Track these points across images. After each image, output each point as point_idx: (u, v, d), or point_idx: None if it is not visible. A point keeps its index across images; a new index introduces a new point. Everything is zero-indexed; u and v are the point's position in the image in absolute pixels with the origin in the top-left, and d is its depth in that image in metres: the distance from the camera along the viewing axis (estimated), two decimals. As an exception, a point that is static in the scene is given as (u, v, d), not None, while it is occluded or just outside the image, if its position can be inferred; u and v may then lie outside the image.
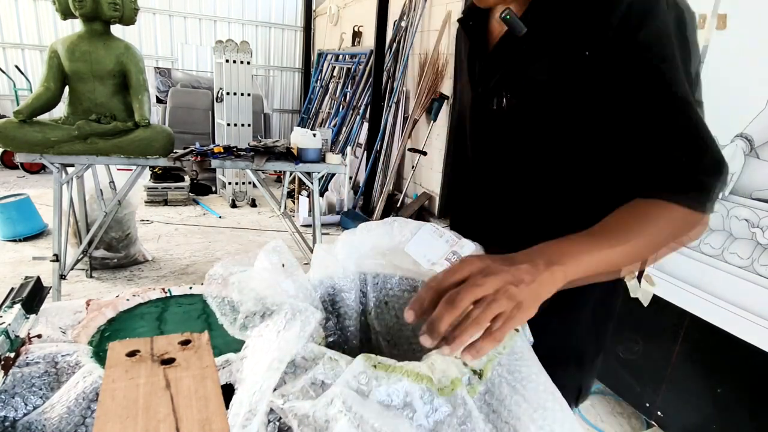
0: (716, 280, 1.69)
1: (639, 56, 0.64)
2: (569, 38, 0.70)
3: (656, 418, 1.95)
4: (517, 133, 0.79)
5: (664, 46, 0.64)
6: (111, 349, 0.46)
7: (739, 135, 1.59)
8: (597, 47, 0.67)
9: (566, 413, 0.54)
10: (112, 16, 2.54)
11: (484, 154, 0.87)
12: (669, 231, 0.63)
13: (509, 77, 0.77)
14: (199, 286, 1.11)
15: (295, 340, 0.52)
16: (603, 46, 0.66)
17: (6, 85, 6.62)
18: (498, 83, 0.79)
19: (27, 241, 3.88)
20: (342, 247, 0.81)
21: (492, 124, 0.82)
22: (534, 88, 0.74)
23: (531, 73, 0.74)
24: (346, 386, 0.48)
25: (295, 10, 8.11)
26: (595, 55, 0.67)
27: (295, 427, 0.46)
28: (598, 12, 0.66)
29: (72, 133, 2.53)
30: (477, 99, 0.84)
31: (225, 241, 4.28)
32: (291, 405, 0.47)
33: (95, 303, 0.95)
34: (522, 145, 0.79)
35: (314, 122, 6.72)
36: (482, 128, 0.85)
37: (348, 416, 0.44)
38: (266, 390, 0.47)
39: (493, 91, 0.80)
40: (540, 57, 0.73)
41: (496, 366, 0.54)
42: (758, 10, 1.54)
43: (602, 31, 0.66)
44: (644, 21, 0.63)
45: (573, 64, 0.70)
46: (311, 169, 2.97)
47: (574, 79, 0.70)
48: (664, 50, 0.64)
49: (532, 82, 0.74)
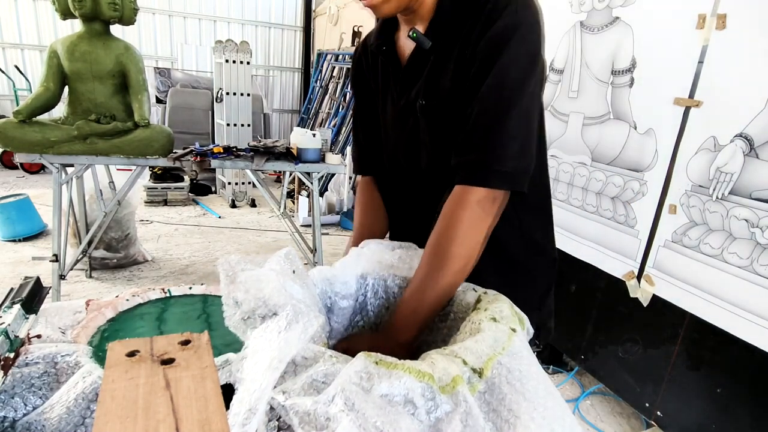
0: (716, 280, 1.69)
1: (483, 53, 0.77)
2: (461, 48, 0.80)
3: (656, 418, 1.95)
4: (430, 134, 0.89)
5: (497, 57, 0.76)
6: (110, 350, 0.46)
7: (738, 135, 1.59)
8: (472, 56, 0.78)
9: (565, 412, 0.54)
10: (112, 16, 2.54)
11: (408, 160, 0.97)
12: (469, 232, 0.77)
13: (424, 86, 0.87)
14: (198, 286, 1.11)
15: (296, 341, 0.53)
16: (474, 58, 0.78)
17: (5, 85, 6.62)
18: (416, 93, 0.88)
19: (26, 241, 3.88)
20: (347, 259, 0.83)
21: (414, 130, 0.92)
22: (443, 94, 0.84)
23: (441, 81, 0.84)
24: (348, 382, 0.48)
25: (295, 10, 8.11)
26: (471, 61, 0.78)
27: (295, 424, 0.46)
28: (477, 27, 0.78)
29: (71, 134, 2.53)
30: (401, 111, 0.93)
31: (225, 242, 4.28)
32: (292, 402, 0.47)
33: (95, 303, 0.95)
34: (435, 144, 0.89)
35: (314, 122, 6.72)
36: (406, 136, 0.95)
37: (350, 414, 0.44)
38: (266, 388, 0.47)
39: (413, 101, 0.89)
40: (445, 66, 0.83)
41: (495, 365, 0.54)
42: (758, 10, 1.54)
43: (477, 43, 0.77)
44: (507, 44, 0.75)
45: (466, 69, 0.80)
46: (311, 169, 2.96)
47: (460, 80, 0.81)
48: (496, 60, 0.76)
49: (442, 89, 0.84)
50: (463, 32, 0.80)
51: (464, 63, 0.80)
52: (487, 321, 0.63)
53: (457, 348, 0.56)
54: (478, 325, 0.62)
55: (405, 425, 0.45)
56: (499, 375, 0.53)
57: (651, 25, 1.90)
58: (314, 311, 0.58)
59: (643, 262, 1.97)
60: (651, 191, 1.92)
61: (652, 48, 1.90)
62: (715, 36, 1.67)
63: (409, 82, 0.90)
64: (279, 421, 0.50)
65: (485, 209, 0.76)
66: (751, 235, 1.58)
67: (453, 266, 0.74)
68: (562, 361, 2.63)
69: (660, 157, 1.88)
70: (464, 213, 0.76)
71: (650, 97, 1.91)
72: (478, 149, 0.76)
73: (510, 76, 0.75)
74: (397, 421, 0.45)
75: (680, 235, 1.81)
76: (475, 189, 0.76)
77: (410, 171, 0.98)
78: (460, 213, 0.76)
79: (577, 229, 2.28)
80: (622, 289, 2.06)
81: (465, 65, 0.80)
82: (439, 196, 0.90)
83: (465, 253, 0.75)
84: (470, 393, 0.50)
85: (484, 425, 0.48)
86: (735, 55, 1.61)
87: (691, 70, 1.74)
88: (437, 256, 0.75)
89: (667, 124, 1.84)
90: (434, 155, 0.90)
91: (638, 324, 2.01)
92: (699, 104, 1.72)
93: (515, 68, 0.75)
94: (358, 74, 1.07)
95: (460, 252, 0.75)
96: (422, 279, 0.76)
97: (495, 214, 0.78)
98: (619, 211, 2.07)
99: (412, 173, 0.98)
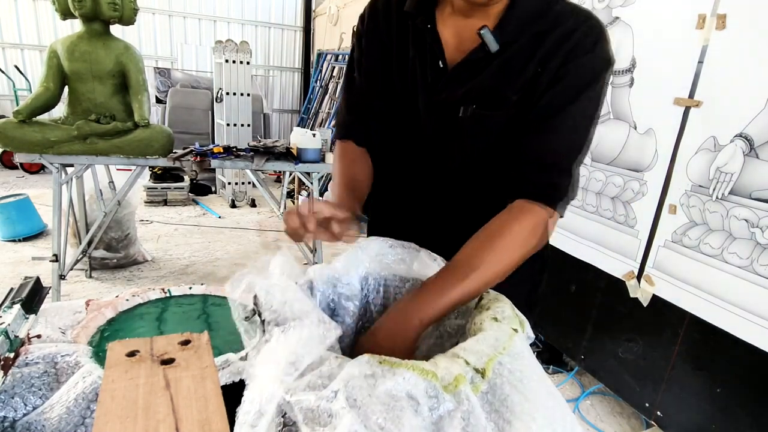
0: (716, 280, 1.69)
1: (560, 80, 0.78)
2: (537, 63, 0.79)
3: (656, 417, 1.95)
4: (472, 138, 0.86)
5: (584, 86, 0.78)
6: (110, 350, 0.46)
7: (738, 135, 1.59)
8: (543, 66, 0.78)
9: (566, 412, 0.54)
10: (112, 16, 2.54)
11: (435, 156, 0.92)
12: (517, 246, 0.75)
13: (478, 91, 0.83)
14: (198, 286, 1.11)
15: (314, 350, 0.53)
16: (546, 66, 0.78)
17: (5, 86, 6.62)
18: (466, 94, 0.84)
19: (26, 241, 3.88)
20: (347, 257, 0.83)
21: (453, 129, 0.88)
22: (503, 105, 0.82)
23: (503, 91, 0.81)
24: (351, 378, 0.48)
25: (295, 10, 8.10)
26: (542, 75, 0.79)
27: (300, 420, 0.46)
28: (554, 40, 0.78)
29: (71, 134, 2.53)
30: (440, 106, 0.87)
31: (224, 241, 4.27)
32: (296, 398, 0.47)
33: (95, 303, 0.94)
34: (475, 148, 0.87)
35: (314, 122, 6.72)
36: (441, 132, 0.90)
37: (352, 411, 0.44)
38: (277, 393, 0.48)
39: (460, 101, 0.84)
40: (509, 75, 0.80)
41: (496, 365, 0.54)
42: (758, 10, 1.54)
43: (551, 55, 0.78)
44: (578, 55, 0.77)
45: (528, 80, 0.79)
46: (311, 169, 2.96)
47: (531, 94, 0.80)
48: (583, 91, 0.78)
49: (502, 99, 0.82)
50: (536, 46, 0.78)
51: (536, 80, 0.79)
52: (489, 321, 0.63)
53: (458, 349, 0.56)
54: (479, 326, 0.62)
55: (407, 422, 0.45)
56: (500, 375, 0.53)
57: (651, 25, 1.90)
58: (333, 323, 0.58)
59: (643, 262, 1.97)
60: (651, 191, 1.92)
61: (652, 48, 1.90)
62: (715, 36, 1.67)
63: (459, 79, 0.84)
64: (285, 418, 0.50)
65: (538, 230, 0.77)
66: (751, 235, 1.58)
67: (487, 273, 0.72)
68: (562, 361, 2.63)
69: (660, 157, 1.87)
70: (518, 227, 0.75)
71: (650, 97, 1.91)
72: (556, 173, 0.78)
73: (589, 111, 0.79)
74: (400, 417, 0.45)
75: (680, 235, 1.81)
76: (539, 208, 0.77)
77: (431, 165, 0.93)
78: (515, 226, 0.75)
79: (577, 229, 2.28)
80: (622, 289, 2.06)
81: (536, 83, 0.79)
82: (462, 196, 0.91)
83: (502, 267, 0.74)
84: (473, 393, 0.50)
85: (486, 425, 0.48)
86: (735, 55, 1.61)
87: (691, 70, 1.74)
88: (477, 257, 0.73)
89: (667, 124, 1.84)
90: (470, 159, 0.88)
91: (638, 324, 2.01)
92: (699, 104, 1.72)
93: (594, 104, 0.79)
94: (373, 30, 0.93)
95: (498, 260, 0.73)
96: (454, 271, 0.72)
97: (542, 237, 0.78)
98: (619, 211, 2.07)
99: (433, 168, 0.93)
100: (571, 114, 0.78)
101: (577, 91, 0.77)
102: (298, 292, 0.63)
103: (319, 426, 0.45)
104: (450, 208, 0.96)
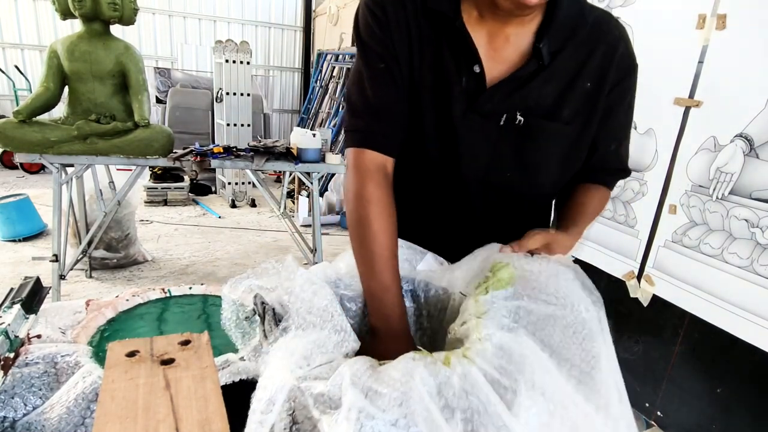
0: (716, 280, 1.69)
1: (623, 98, 0.90)
2: (579, 71, 0.83)
3: (656, 418, 1.95)
4: (515, 149, 0.87)
5: (632, 96, 0.93)
6: (110, 350, 0.46)
7: (738, 135, 1.59)
8: (596, 82, 0.85)
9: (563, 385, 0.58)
10: (112, 16, 2.54)
11: (470, 166, 0.89)
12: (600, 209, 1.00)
13: (525, 102, 0.83)
14: (198, 286, 1.11)
15: (329, 350, 0.59)
16: (601, 83, 0.85)
17: (5, 85, 6.62)
18: (512, 105, 0.83)
19: (26, 241, 3.88)
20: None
21: (495, 140, 0.86)
22: (553, 116, 0.84)
23: (551, 101, 0.83)
24: (356, 363, 0.54)
25: (295, 10, 8.10)
26: (594, 88, 0.85)
27: (310, 404, 0.50)
28: (602, 55, 0.84)
29: (71, 133, 2.53)
30: (480, 115, 0.83)
31: (225, 241, 4.27)
32: (307, 384, 0.52)
33: (95, 303, 0.94)
34: (518, 158, 0.88)
35: (314, 122, 6.72)
36: (481, 142, 0.86)
37: (356, 387, 0.49)
38: (289, 379, 0.53)
39: (505, 111, 0.83)
40: (550, 83, 0.82)
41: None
42: (758, 10, 1.54)
43: (604, 71, 0.84)
44: (630, 72, 0.90)
45: (576, 92, 0.84)
46: (311, 169, 2.96)
47: (573, 105, 0.84)
48: (632, 100, 0.93)
49: (551, 110, 0.84)
50: (582, 58, 0.83)
51: (591, 97, 0.85)
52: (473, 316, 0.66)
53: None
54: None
55: (411, 391, 0.49)
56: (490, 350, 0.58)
57: (651, 25, 1.90)
58: (353, 334, 0.64)
59: (643, 262, 1.97)
60: (651, 191, 1.92)
61: (652, 48, 1.90)
62: (715, 36, 1.67)
63: (504, 90, 0.81)
64: (292, 415, 0.50)
65: (607, 203, 1.02)
66: (751, 235, 1.58)
67: (591, 220, 0.95)
68: (562, 361, 2.63)
69: (660, 157, 1.87)
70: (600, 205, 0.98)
71: (650, 97, 1.91)
72: (622, 173, 1.00)
73: (631, 115, 0.96)
74: (404, 382, 0.50)
75: (680, 235, 1.81)
76: (609, 192, 1.00)
77: (454, 170, 0.88)
78: (597, 205, 0.97)
79: (577, 229, 2.28)
80: (622, 289, 2.06)
81: (592, 100, 0.85)
82: (490, 207, 0.93)
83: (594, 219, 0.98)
84: (468, 363, 0.54)
85: (487, 391, 0.52)
86: (735, 55, 1.61)
87: (691, 70, 1.74)
88: (589, 211, 0.94)
89: (667, 124, 1.84)
90: (500, 165, 0.87)
91: (638, 324, 2.01)
92: (699, 104, 1.72)
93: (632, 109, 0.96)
94: (404, 19, 0.81)
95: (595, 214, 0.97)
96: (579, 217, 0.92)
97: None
98: (619, 211, 2.07)
99: (457, 173, 0.89)
100: (630, 126, 0.97)
101: (630, 105, 0.92)
102: (329, 296, 0.68)
103: (330, 409, 0.49)
104: (469, 214, 0.94)
